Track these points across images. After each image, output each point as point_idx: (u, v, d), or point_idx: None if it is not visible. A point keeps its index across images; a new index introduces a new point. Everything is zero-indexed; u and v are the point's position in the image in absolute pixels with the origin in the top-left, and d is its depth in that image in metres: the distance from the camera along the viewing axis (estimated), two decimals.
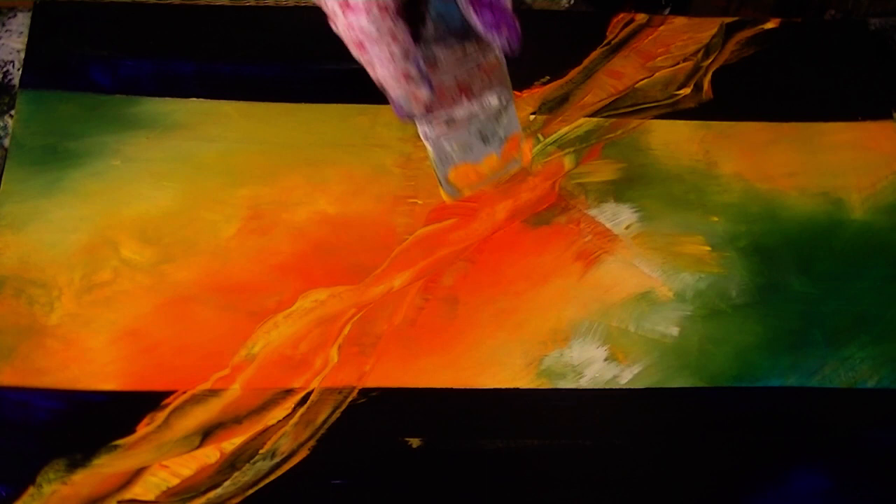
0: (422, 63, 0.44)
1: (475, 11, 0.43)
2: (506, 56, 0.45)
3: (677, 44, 0.65)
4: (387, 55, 0.43)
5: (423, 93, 0.44)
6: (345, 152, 0.59)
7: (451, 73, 0.45)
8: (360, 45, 0.44)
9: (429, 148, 0.46)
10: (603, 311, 0.54)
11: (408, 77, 0.43)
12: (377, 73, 0.44)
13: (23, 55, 0.60)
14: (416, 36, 0.44)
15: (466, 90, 0.45)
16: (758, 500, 0.49)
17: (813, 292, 0.56)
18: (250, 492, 0.47)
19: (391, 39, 0.43)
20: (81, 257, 0.53)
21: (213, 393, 0.50)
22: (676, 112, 0.62)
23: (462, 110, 0.45)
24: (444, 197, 0.48)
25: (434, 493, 0.48)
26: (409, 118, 0.44)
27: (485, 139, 0.46)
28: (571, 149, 0.60)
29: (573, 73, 0.63)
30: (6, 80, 0.59)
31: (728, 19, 0.67)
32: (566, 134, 0.61)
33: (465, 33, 0.43)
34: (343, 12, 0.43)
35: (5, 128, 0.57)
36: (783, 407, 0.52)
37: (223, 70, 0.61)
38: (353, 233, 0.56)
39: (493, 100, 0.46)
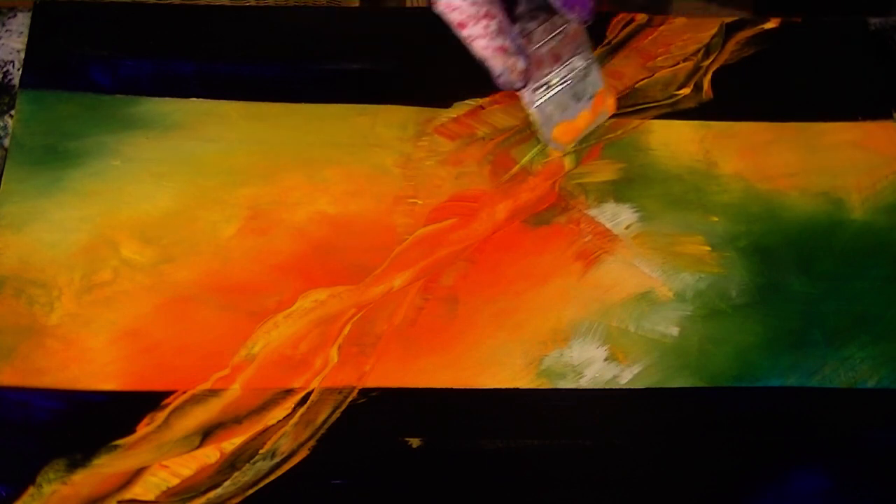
0: (517, 37, 0.50)
1: None
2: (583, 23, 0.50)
3: (677, 44, 0.65)
4: (485, 32, 0.49)
5: (520, 64, 0.50)
6: (345, 152, 0.59)
7: (543, 44, 0.51)
8: (461, 24, 0.49)
9: (533, 113, 0.53)
10: (603, 311, 0.54)
11: (505, 51, 0.49)
12: (477, 48, 0.49)
13: (23, 55, 0.60)
14: (511, 13, 0.50)
15: (557, 57, 0.52)
16: (758, 500, 0.49)
17: (813, 292, 0.56)
18: (250, 492, 0.47)
19: (488, 18, 0.49)
20: (81, 257, 0.53)
21: (213, 393, 0.50)
22: (676, 112, 0.62)
23: (555, 75, 0.52)
24: (554, 153, 0.57)
25: (434, 493, 0.48)
26: (511, 88, 0.50)
27: (577, 97, 0.53)
28: (571, 149, 0.60)
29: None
30: (6, 80, 0.59)
31: (728, 19, 0.67)
32: None
33: (550, 7, 0.50)
34: None
35: (5, 128, 0.57)
36: (783, 407, 0.52)
37: (223, 70, 0.61)
38: (353, 233, 0.56)
39: (579, 62, 0.53)
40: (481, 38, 0.49)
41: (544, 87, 0.52)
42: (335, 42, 0.63)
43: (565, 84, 0.53)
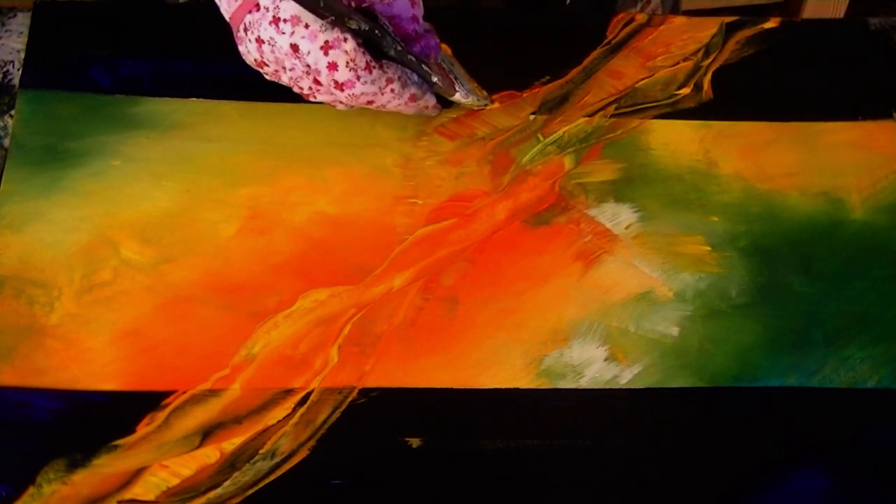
0: (417, 80, 0.55)
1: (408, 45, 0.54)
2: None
3: (677, 43, 0.65)
4: (392, 95, 0.54)
5: (431, 100, 0.57)
6: (345, 152, 0.59)
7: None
8: (371, 102, 0.54)
9: (462, 101, 0.59)
10: (603, 311, 0.54)
11: (414, 98, 0.55)
12: (391, 108, 0.55)
13: (23, 55, 0.60)
14: (389, 57, 0.54)
15: (442, 68, 0.58)
16: (758, 500, 0.49)
17: (813, 292, 0.56)
18: (250, 492, 0.47)
19: (389, 83, 0.53)
20: (81, 257, 0.53)
21: (213, 393, 0.50)
22: (676, 112, 0.62)
23: (452, 73, 0.59)
24: (488, 105, 0.61)
25: (434, 493, 0.48)
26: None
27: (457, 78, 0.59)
28: (571, 149, 0.60)
29: (573, 73, 0.63)
30: (6, 80, 0.59)
31: (728, 19, 0.67)
32: (566, 134, 0.61)
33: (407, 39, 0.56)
34: (339, 90, 0.52)
35: (5, 128, 0.57)
36: (783, 407, 0.52)
37: (223, 70, 0.61)
38: (353, 233, 0.56)
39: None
40: (392, 101, 0.54)
41: (458, 83, 0.59)
42: None
43: (453, 68, 0.60)
